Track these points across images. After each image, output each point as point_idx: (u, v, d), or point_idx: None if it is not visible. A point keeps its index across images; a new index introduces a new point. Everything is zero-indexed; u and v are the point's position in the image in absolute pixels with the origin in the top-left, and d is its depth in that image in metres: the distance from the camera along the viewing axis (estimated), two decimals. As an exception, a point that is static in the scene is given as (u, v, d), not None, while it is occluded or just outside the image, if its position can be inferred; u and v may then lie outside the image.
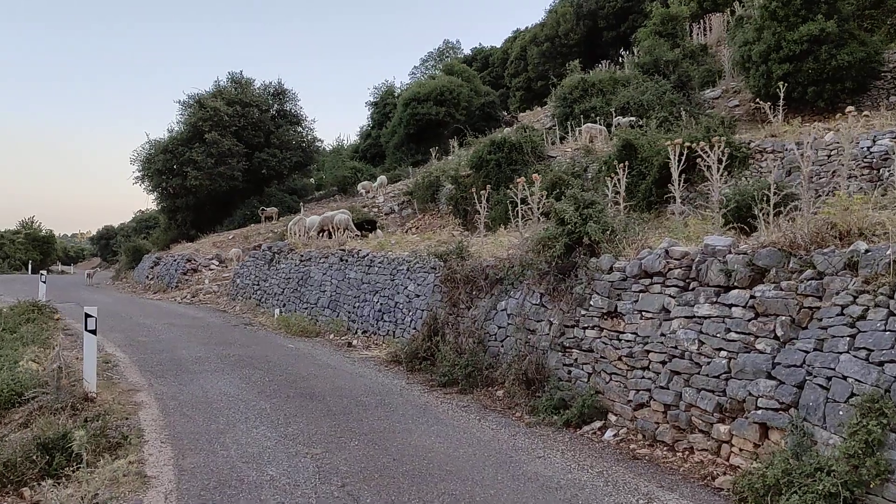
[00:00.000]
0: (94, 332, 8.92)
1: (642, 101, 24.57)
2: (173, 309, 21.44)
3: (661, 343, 7.14)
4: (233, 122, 35.44)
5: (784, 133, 16.06)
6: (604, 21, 48.03)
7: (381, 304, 14.29)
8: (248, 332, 16.05)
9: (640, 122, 20.54)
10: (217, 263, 28.87)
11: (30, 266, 64.39)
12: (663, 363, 7.09)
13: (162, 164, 35.39)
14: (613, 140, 18.72)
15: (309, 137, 40.11)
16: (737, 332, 6.35)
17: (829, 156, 14.11)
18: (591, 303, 8.30)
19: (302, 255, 18.85)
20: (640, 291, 7.67)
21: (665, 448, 6.82)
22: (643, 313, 7.54)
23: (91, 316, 8.87)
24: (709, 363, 6.54)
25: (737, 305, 6.43)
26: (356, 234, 19.68)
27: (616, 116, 22.65)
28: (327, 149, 48.96)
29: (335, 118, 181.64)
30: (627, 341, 7.64)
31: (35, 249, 72.52)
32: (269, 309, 19.35)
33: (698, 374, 6.63)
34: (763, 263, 6.37)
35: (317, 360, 12.32)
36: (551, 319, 9.02)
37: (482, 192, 13.29)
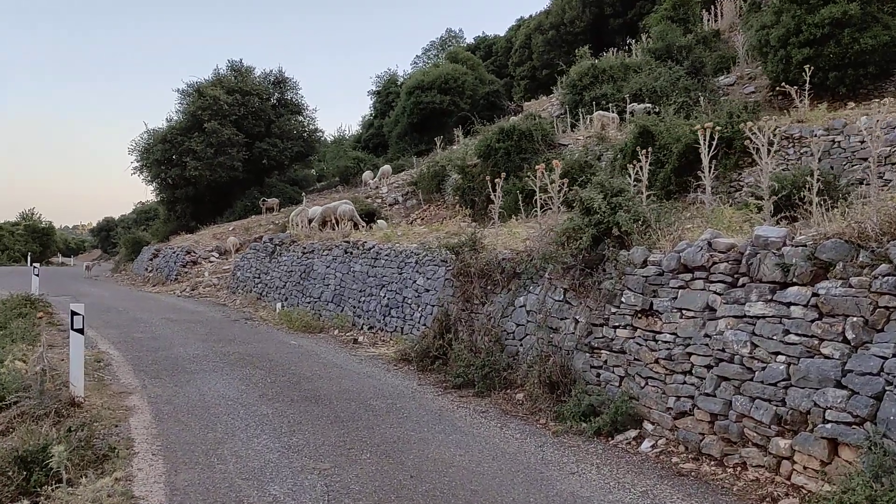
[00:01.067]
0: (81, 330, 8.22)
1: (655, 87, 23.77)
2: (172, 303, 20.76)
3: (706, 345, 6.43)
4: (232, 111, 34.65)
5: (812, 119, 15.29)
6: (610, 8, 47.06)
7: (389, 298, 13.59)
8: (249, 328, 15.38)
9: (656, 109, 19.76)
10: (217, 255, 28.20)
11: (29, 258, 63.84)
12: (708, 367, 6.38)
13: (160, 154, 34.62)
14: (629, 127, 17.96)
15: (310, 127, 39.35)
16: (797, 335, 5.64)
17: (863, 141, 13.36)
18: (623, 299, 7.59)
19: (304, 248, 18.15)
20: (680, 287, 6.95)
21: (712, 462, 6.12)
22: (683, 312, 6.83)
23: (77, 314, 8.15)
24: (764, 369, 5.84)
25: (796, 304, 5.71)
26: (362, 225, 18.97)
27: (631, 103, 21.85)
28: (328, 139, 48.15)
29: (336, 109, 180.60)
30: (665, 342, 6.94)
31: (34, 241, 71.84)
32: (270, 303, 18.68)
33: (751, 380, 5.93)
34: (827, 257, 5.65)
35: (321, 358, 11.64)
36: (577, 317, 8.32)
37: (496, 179, 12.54)
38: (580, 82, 26.42)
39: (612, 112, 22.05)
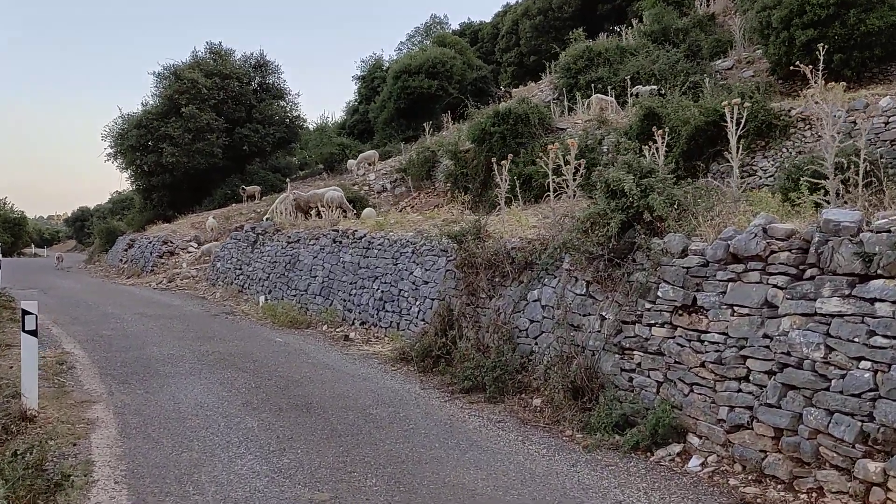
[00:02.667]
0: (34, 332, 7.10)
1: (654, 70, 22.92)
2: (147, 296, 19.57)
3: (766, 347, 5.53)
4: (212, 95, 33.23)
5: (829, 100, 14.43)
6: (599, -8, 46.20)
7: (383, 291, 12.58)
8: (230, 323, 14.30)
9: (662, 91, 18.89)
10: (196, 246, 26.94)
11: (-1, 249, 61.80)
12: (770, 374, 5.48)
13: (135, 140, 33.10)
14: (634, 109, 17.05)
15: (293, 113, 38.00)
16: (885, 337, 4.75)
17: (887, 123, 12.56)
18: (659, 294, 6.66)
19: (289, 237, 17.06)
20: (730, 280, 6.03)
21: (780, 486, 5.22)
22: (735, 308, 5.91)
23: (29, 313, 7.05)
24: (843, 377, 4.94)
25: (883, 300, 4.82)
26: (352, 213, 17.91)
27: (635, 86, 20.95)
28: (311, 127, 46.73)
29: (319, 95, 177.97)
30: (713, 343, 6.02)
31: (6, 232, 69.46)
32: (252, 296, 17.57)
33: (827, 390, 5.03)
34: (922, 245, 4.75)
35: (310, 357, 10.62)
36: (603, 313, 7.38)
37: (502, 162, 11.55)
38: (575, 65, 25.49)
39: (610, 96, 21.11)
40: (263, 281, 17.43)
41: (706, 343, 6.09)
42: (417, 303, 11.51)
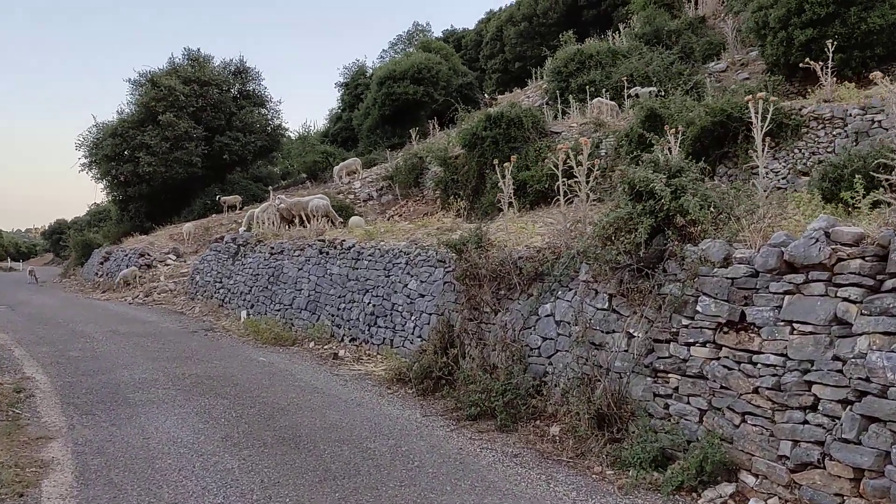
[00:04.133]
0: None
1: (647, 72, 22.29)
2: (122, 312, 18.47)
3: (839, 372, 4.72)
4: (190, 102, 32.09)
5: (843, 98, 13.82)
6: (584, -1, 45.85)
7: (374, 305, 11.67)
8: (210, 341, 13.30)
9: (661, 93, 18.23)
10: (174, 258, 25.83)
11: (-28, 264, 59.95)
12: (845, 403, 4.67)
13: (111, 150, 31.85)
14: (634, 110, 16.33)
15: (275, 121, 36.94)
16: None
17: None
18: (699, 308, 5.84)
19: (272, 248, 16.09)
20: (787, 293, 5.22)
21: (865, 538, 4.40)
22: (795, 325, 5.10)
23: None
24: (942, 408, 4.14)
25: None
26: (340, 222, 16.99)
27: (633, 87, 20.28)
28: (293, 136, 45.65)
29: (300, 104, 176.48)
30: (769, 366, 5.20)
31: (-21, 245, 67.64)
32: (234, 310, 16.57)
33: (921, 424, 4.23)
34: None
35: (297, 379, 9.68)
36: (630, 330, 6.55)
37: (506, 164, 10.71)
38: (565, 69, 24.79)
39: (606, 98, 20.41)
40: (245, 295, 16.44)
41: (760, 366, 5.27)
42: (413, 318, 10.62)
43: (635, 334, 6.46)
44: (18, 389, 8.77)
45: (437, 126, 30.87)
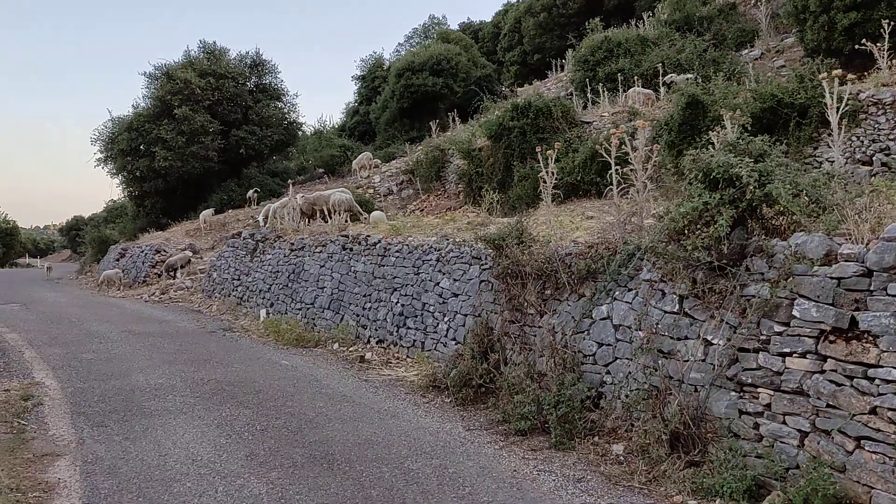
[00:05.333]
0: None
1: (679, 59, 21.38)
2: (137, 310, 17.89)
3: None
4: (206, 95, 31.44)
5: (899, 82, 12.90)
6: (606, -12, 44.79)
7: (403, 305, 10.95)
8: (229, 342, 12.64)
9: (698, 79, 17.35)
10: (191, 254, 25.25)
11: (-11, 260, 60.03)
12: None
13: (126, 144, 31.29)
14: (673, 97, 15.47)
15: (291, 115, 36.22)
16: None
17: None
18: (795, 313, 5.05)
19: (293, 244, 15.40)
20: (911, 296, 4.43)
21: None
22: (924, 335, 4.31)
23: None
24: None
25: None
26: (364, 217, 16.27)
27: (670, 74, 19.39)
28: (308, 131, 45.00)
29: (316, 99, 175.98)
30: (891, 382, 4.41)
31: (-3, 242, 67.83)
32: (252, 309, 15.92)
33: None
34: None
35: (324, 386, 8.98)
36: (708, 337, 5.77)
37: (549, 152, 9.93)
38: (592, 57, 23.90)
39: (639, 86, 19.53)
40: (264, 293, 15.78)
41: (878, 382, 4.48)
42: (446, 319, 9.88)
43: (714, 342, 5.68)
44: (26, 397, 8.14)
45: (457, 119, 30.08)
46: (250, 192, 29.04)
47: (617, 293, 7.00)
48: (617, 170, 7.99)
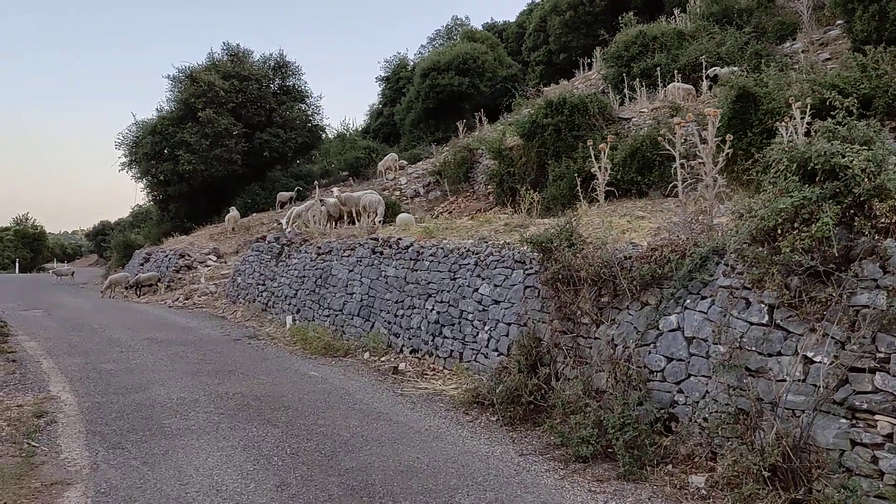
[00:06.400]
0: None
1: (720, 53, 20.44)
2: (160, 316, 17.42)
3: None
4: (229, 98, 31.14)
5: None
6: (633, -14, 43.85)
7: (439, 312, 10.25)
8: (254, 351, 12.04)
9: (744, 72, 16.44)
10: (215, 259, 24.86)
11: (17, 265, 60.56)
12: None
13: (150, 148, 31.09)
14: (722, 90, 14.60)
15: (316, 117, 35.77)
16: None
17: None
18: (923, 327, 4.25)
19: (320, 247, 14.79)
20: None
21: None
22: None
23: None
24: None
25: None
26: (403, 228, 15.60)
27: (713, 68, 18.51)
28: (331, 135, 44.56)
29: (338, 102, 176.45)
30: None
31: (25, 247, 68.57)
32: (278, 315, 15.34)
33: None
34: None
35: (357, 401, 8.30)
36: (808, 353, 4.97)
37: (601, 146, 9.17)
38: (626, 52, 23.03)
39: (678, 81, 18.67)
40: (290, 298, 15.18)
41: None
42: (486, 328, 9.15)
43: (817, 359, 4.89)
44: (39, 413, 7.56)
45: (483, 119, 29.37)
46: (283, 193, 28.41)
47: (688, 301, 6.22)
48: (682, 164, 7.21)
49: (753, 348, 5.38)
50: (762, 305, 5.41)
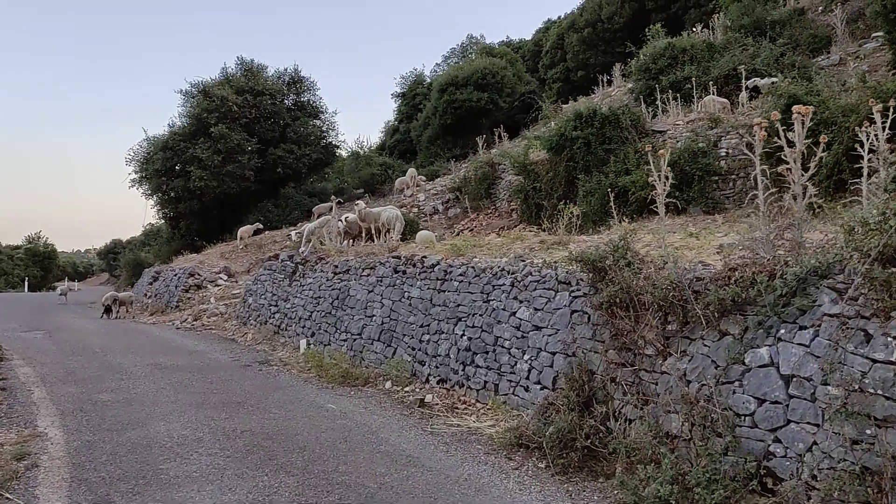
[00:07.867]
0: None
1: (754, 65, 19.51)
2: (167, 338, 16.51)
3: None
4: (243, 113, 30.48)
5: None
6: (652, 2, 43.15)
7: (470, 338, 9.26)
8: (266, 378, 11.08)
9: (795, 78, 15.52)
10: (225, 278, 23.99)
11: (26, 283, 60.13)
12: None
13: (161, 164, 30.41)
14: (770, 99, 13.64)
15: (330, 133, 35.04)
16: None
17: None
18: None
19: (336, 266, 13.86)
20: None
21: None
22: None
23: None
24: None
25: None
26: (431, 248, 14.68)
27: (752, 79, 17.59)
28: (345, 153, 43.97)
29: (352, 121, 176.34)
30: None
31: (35, 265, 68.27)
32: (291, 339, 14.39)
33: None
34: None
35: (382, 441, 7.30)
36: (963, 402, 3.95)
37: (660, 152, 8.23)
38: (654, 65, 22.16)
39: (713, 94, 17.73)
40: (305, 321, 14.23)
41: None
42: (526, 357, 8.15)
43: (977, 410, 3.86)
44: (20, 455, 6.61)
45: (504, 134, 28.55)
46: (321, 206, 26.93)
47: (782, 331, 5.21)
48: (763, 170, 6.24)
49: (880, 392, 4.36)
50: (890, 339, 4.39)
